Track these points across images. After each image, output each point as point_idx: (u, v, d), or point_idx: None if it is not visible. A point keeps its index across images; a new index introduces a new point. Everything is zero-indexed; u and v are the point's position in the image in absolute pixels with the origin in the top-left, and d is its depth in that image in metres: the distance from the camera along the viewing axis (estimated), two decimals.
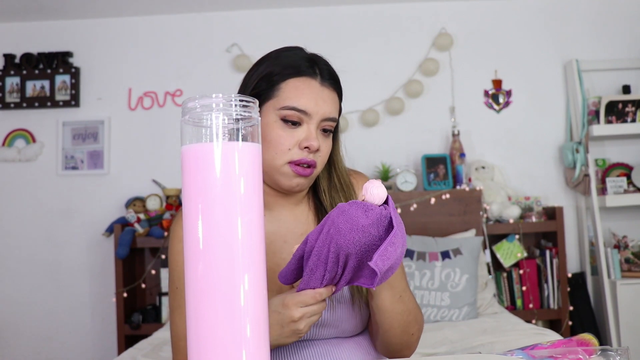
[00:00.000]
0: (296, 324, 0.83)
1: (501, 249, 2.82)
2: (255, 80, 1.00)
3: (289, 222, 1.05)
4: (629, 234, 2.96)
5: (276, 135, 0.96)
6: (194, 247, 0.60)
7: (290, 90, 0.97)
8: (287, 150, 0.96)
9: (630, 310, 2.70)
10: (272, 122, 0.97)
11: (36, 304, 3.08)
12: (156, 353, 2.04)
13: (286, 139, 0.96)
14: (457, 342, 1.99)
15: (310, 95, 0.98)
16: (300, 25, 3.14)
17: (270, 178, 0.99)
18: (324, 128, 1.00)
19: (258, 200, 0.62)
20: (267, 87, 0.99)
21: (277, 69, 1.00)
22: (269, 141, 0.96)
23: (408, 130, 3.08)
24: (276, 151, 0.96)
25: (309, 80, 0.99)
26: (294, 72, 0.99)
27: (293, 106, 0.96)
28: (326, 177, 1.08)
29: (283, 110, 0.96)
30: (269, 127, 0.96)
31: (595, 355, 0.78)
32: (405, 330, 0.99)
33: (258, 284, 0.61)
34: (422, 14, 3.13)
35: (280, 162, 0.96)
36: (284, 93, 0.97)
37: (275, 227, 1.05)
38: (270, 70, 1.00)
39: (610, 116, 2.89)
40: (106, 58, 3.16)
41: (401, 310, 0.96)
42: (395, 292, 0.95)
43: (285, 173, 0.97)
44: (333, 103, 1.01)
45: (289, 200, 1.05)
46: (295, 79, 0.99)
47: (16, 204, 3.11)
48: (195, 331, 0.60)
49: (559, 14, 3.11)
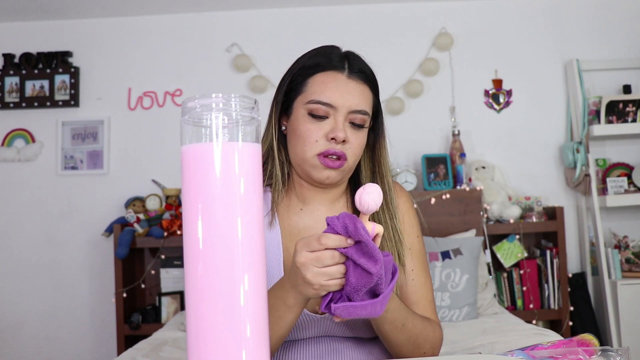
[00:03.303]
0: (302, 271, 0.77)
1: (501, 249, 2.81)
2: (289, 77, 1.05)
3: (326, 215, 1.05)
4: (629, 234, 2.96)
5: (305, 128, 0.99)
6: (194, 247, 0.60)
7: (316, 85, 1.01)
8: (315, 142, 0.99)
9: (630, 310, 2.70)
10: (301, 116, 1.00)
11: (36, 304, 3.08)
12: (156, 353, 2.04)
13: (314, 132, 0.99)
14: (457, 343, 1.98)
15: (335, 89, 1.00)
16: (300, 25, 3.14)
17: (303, 171, 1.03)
18: (352, 121, 1.02)
19: (258, 200, 0.62)
20: (297, 83, 1.03)
21: (307, 65, 1.04)
22: (298, 135, 1.00)
23: (408, 130, 3.07)
24: (305, 144, 0.99)
25: (335, 73, 1.02)
26: (321, 67, 1.03)
27: (319, 100, 0.99)
28: (369, 175, 1.10)
29: (310, 105, 1.00)
30: (299, 122, 1.00)
31: (595, 356, 0.78)
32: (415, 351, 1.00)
33: (258, 284, 0.61)
34: (422, 14, 3.13)
35: (309, 154, 0.99)
36: (311, 87, 1.01)
37: (312, 222, 1.06)
38: (301, 66, 1.04)
39: (611, 116, 2.89)
40: (106, 58, 3.16)
41: (406, 338, 0.98)
42: (396, 324, 0.95)
43: (315, 165, 1.00)
44: (362, 96, 1.04)
45: (327, 196, 1.07)
46: (322, 73, 1.02)
47: (16, 204, 3.11)
48: (195, 331, 0.59)
49: (559, 14, 3.11)
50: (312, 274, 0.77)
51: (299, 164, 1.02)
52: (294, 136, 1.01)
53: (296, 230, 1.06)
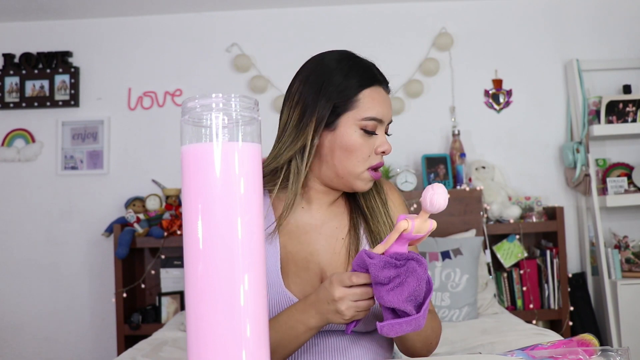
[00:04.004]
0: (337, 304, 0.88)
1: (501, 249, 2.81)
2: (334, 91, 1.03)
3: (325, 215, 1.10)
4: (629, 234, 2.96)
5: (358, 144, 1.02)
6: (194, 247, 0.60)
7: (368, 101, 1.03)
8: (367, 157, 1.03)
9: (630, 310, 2.70)
10: (353, 132, 1.02)
11: (36, 304, 3.08)
12: (156, 353, 2.04)
13: (366, 147, 1.03)
14: (457, 343, 1.98)
15: (382, 104, 1.05)
16: (301, 25, 3.14)
17: (345, 183, 1.05)
18: (386, 131, 1.08)
19: (258, 200, 0.62)
20: (347, 99, 1.03)
21: (354, 80, 1.04)
22: (350, 150, 1.02)
23: (408, 130, 3.07)
24: (358, 159, 1.03)
25: (379, 88, 1.06)
26: (368, 82, 1.04)
27: (372, 116, 1.02)
28: None
29: (363, 121, 1.02)
30: (350, 137, 1.02)
31: (595, 356, 0.78)
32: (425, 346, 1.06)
33: (258, 284, 0.61)
34: (422, 14, 3.13)
35: (361, 169, 1.03)
36: (363, 104, 1.03)
37: (313, 220, 1.09)
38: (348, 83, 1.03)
39: (611, 116, 2.89)
40: (106, 58, 3.16)
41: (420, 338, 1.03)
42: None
43: (365, 178, 1.05)
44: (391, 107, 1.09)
45: (330, 198, 1.11)
46: (370, 88, 1.04)
47: (15, 204, 3.11)
48: (195, 331, 0.59)
49: (559, 14, 3.11)
50: (346, 306, 0.88)
51: (342, 176, 1.04)
52: (340, 150, 1.03)
53: (295, 227, 1.08)
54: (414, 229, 0.81)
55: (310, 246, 1.07)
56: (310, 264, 1.06)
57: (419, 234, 0.82)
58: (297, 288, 1.04)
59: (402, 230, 0.81)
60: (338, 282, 0.88)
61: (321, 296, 0.91)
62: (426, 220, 0.82)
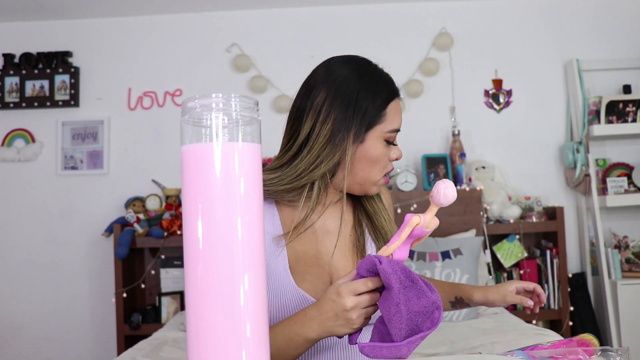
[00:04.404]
0: (349, 313, 0.86)
1: (501, 249, 2.81)
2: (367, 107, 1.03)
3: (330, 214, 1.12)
4: (629, 234, 2.96)
5: (382, 155, 1.05)
6: (194, 247, 0.60)
7: (393, 114, 1.06)
8: (385, 166, 1.08)
9: (630, 310, 2.70)
10: (378, 144, 1.05)
11: (36, 304, 3.08)
12: (156, 353, 2.04)
13: (386, 157, 1.07)
14: (457, 343, 1.98)
15: (400, 113, 1.08)
16: (300, 25, 3.14)
17: (362, 189, 1.08)
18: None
19: (258, 200, 0.62)
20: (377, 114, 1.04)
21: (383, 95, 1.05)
22: (375, 161, 1.05)
23: (408, 130, 3.06)
24: (379, 169, 1.06)
25: (397, 99, 1.08)
26: (392, 94, 1.06)
27: (396, 128, 1.06)
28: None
29: (389, 134, 1.05)
30: (376, 150, 1.05)
31: (595, 356, 0.78)
32: None
33: (258, 284, 0.61)
34: (422, 14, 3.13)
35: (379, 177, 1.07)
36: (389, 117, 1.05)
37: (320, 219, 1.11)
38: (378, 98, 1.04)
39: (611, 116, 2.89)
40: (106, 58, 3.16)
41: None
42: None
43: (380, 184, 1.09)
44: None
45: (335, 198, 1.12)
46: (394, 101, 1.06)
47: (15, 204, 3.11)
48: (195, 331, 0.59)
49: (559, 14, 3.11)
50: (357, 314, 0.87)
51: (361, 183, 1.07)
52: (365, 161, 1.05)
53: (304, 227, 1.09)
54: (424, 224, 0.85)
55: (318, 244, 1.09)
56: (319, 261, 1.08)
57: (427, 229, 0.86)
58: (309, 286, 1.06)
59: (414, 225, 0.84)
60: (349, 291, 0.86)
61: (326, 309, 0.89)
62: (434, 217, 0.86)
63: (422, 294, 0.82)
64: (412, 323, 0.81)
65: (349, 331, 0.89)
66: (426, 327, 0.81)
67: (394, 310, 0.80)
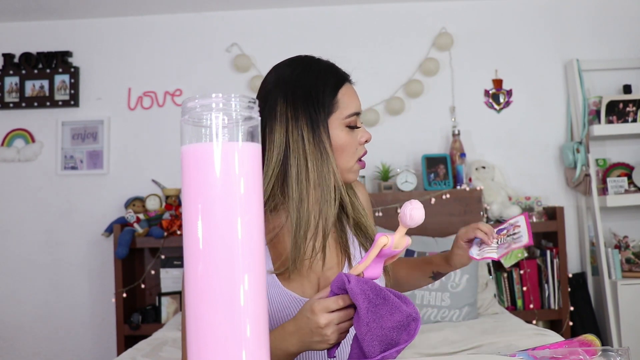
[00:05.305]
0: (323, 330, 0.87)
1: None
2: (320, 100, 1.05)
3: None
4: (629, 234, 2.96)
5: (347, 141, 1.07)
6: (194, 247, 0.59)
7: (345, 99, 1.07)
8: (355, 150, 1.09)
9: (631, 310, 2.70)
10: (340, 132, 1.06)
11: (36, 304, 3.07)
12: (155, 353, 2.04)
13: (353, 142, 1.08)
14: (457, 343, 1.98)
15: (355, 97, 1.10)
16: (300, 25, 3.14)
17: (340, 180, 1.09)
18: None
19: (258, 200, 0.62)
20: (328, 103, 1.06)
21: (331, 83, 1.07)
22: (342, 149, 1.07)
23: (408, 130, 3.07)
24: (349, 155, 1.08)
25: (348, 84, 1.10)
26: (339, 81, 1.08)
27: (353, 112, 1.08)
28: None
29: (347, 119, 1.07)
30: (339, 138, 1.06)
31: (596, 356, 0.78)
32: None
33: (258, 284, 0.61)
34: (422, 14, 3.13)
35: (352, 163, 1.09)
36: (342, 103, 1.07)
37: None
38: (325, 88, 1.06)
39: (611, 116, 2.89)
40: (106, 58, 3.16)
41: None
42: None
43: (355, 170, 1.10)
44: None
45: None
46: (343, 87, 1.08)
47: (15, 204, 3.11)
48: (195, 331, 0.59)
49: (559, 14, 3.11)
50: (331, 330, 0.87)
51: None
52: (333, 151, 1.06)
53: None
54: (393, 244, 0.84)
55: None
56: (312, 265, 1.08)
57: (397, 249, 0.85)
58: (296, 285, 1.06)
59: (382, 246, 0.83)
60: (322, 309, 0.87)
61: (302, 325, 0.90)
62: (404, 236, 0.85)
63: (395, 309, 0.82)
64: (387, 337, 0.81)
65: (326, 346, 0.89)
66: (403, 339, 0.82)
67: (365, 329, 0.81)
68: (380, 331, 0.81)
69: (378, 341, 0.81)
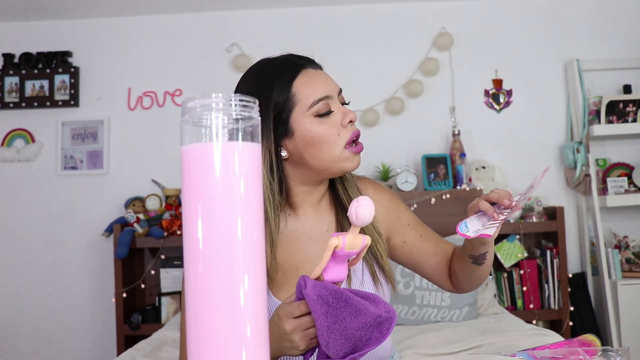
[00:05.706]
0: (290, 336, 0.85)
1: (502, 249, 2.81)
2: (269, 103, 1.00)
3: (313, 219, 1.09)
4: (629, 234, 2.96)
5: (320, 132, 1.00)
6: (194, 247, 0.59)
7: (303, 89, 1.00)
8: (337, 137, 1.01)
9: (631, 310, 2.70)
10: (309, 124, 1.00)
11: (36, 304, 3.07)
12: (155, 353, 2.04)
13: (329, 129, 1.00)
14: (457, 343, 1.98)
15: (318, 81, 1.02)
16: (300, 25, 3.14)
17: (332, 171, 1.03)
18: (343, 102, 1.05)
19: (258, 200, 0.62)
20: (283, 101, 1.00)
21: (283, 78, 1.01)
22: (317, 142, 1.00)
23: (408, 130, 3.07)
24: (329, 144, 1.00)
25: (307, 71, 1.03)
26: (292, 73, 1.02)
27: (317, 98, 1.00)
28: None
29: (312, 108, 1.00)
30: (309, 131, 1.00)
31: (596, 356, 0.78)
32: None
33: (258, 284, 0.61)
34: (422, 14, 3.13)
35: (338, 151, 1.01)
36: (301, 94, 1.00)
37: (300, 225, 1.08)
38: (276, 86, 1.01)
39: (611, 116, 2.89)
40: (105, 58, 3.16)
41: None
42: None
43: (347, 157, 1.02)
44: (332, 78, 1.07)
45: (314, 197, 1.09)
46: (298, 77, 1.01)
47: (15, 204, 3.11)
48: (195, 331, 0.59)
49: (559, 14, 3.11)
50: (299, 337, 0.85)
51: (325, 167, 1.02)
52: (308, 147, 1.00)
53: (283, 236, 1.07)
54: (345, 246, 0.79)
55: (300, 252, 1.07)
56: (300, 271, 1.05)
57: (352, 250, 0.79)
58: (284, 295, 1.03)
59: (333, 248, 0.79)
60: (286, 315, 0.85)
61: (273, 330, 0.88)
62: (357, 236, 0.79)
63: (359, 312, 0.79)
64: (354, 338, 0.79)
65: (298, 352, 0.87)
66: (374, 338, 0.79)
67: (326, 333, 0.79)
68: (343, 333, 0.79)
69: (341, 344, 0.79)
